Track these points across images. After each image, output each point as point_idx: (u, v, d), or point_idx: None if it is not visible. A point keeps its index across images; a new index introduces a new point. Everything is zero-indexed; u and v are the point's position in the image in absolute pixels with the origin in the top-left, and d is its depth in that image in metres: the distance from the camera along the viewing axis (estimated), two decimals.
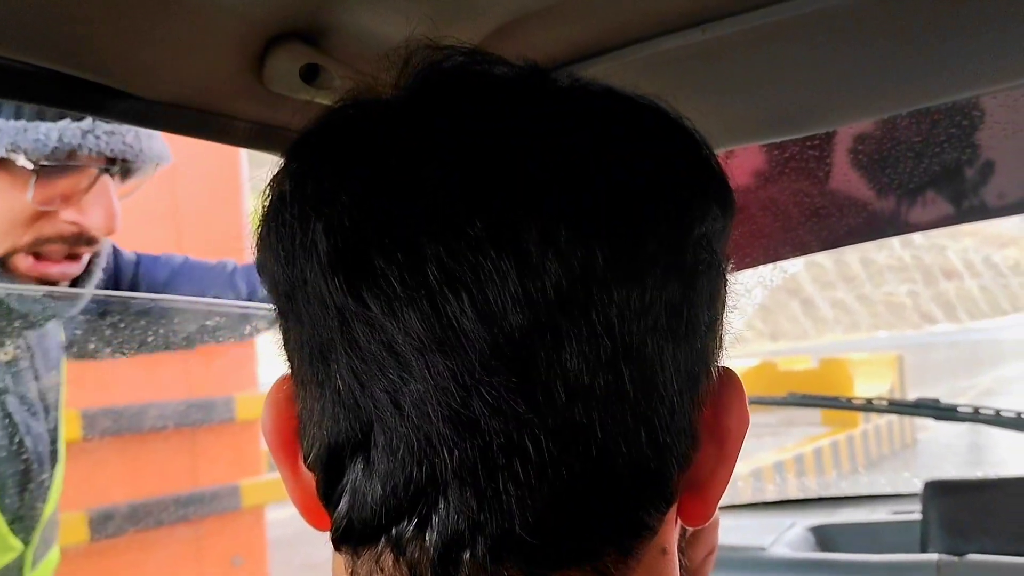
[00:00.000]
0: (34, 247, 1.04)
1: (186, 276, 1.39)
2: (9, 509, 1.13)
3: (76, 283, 1.09)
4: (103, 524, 2.61)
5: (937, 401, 1.57)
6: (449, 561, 0.35)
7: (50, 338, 1.22)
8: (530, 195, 0.34)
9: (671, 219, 0.36)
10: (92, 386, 2.45)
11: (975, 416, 1.52)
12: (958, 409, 1.53)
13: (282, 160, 0.39)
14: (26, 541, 1.16)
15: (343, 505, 0.37)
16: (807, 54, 0.69)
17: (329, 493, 0.37)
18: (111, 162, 1.05)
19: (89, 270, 1.10)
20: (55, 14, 0.53)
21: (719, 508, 0.44)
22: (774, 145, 1.08)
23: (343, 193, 0.35)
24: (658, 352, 0.35)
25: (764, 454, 7.63)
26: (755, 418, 0.43)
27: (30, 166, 0.99)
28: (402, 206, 0.34)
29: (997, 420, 1.50)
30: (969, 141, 1.09)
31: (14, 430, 1.14)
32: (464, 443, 0.34)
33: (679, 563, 0.41)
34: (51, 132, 0.99)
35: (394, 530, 0.35)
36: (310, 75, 0.62)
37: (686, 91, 0.73)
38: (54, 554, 1.25)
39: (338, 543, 0.38)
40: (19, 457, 1.14)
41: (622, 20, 0.65)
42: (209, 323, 1.46)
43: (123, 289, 1.33)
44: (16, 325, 1.12)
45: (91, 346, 1.35)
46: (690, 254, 0.36)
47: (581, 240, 0.33)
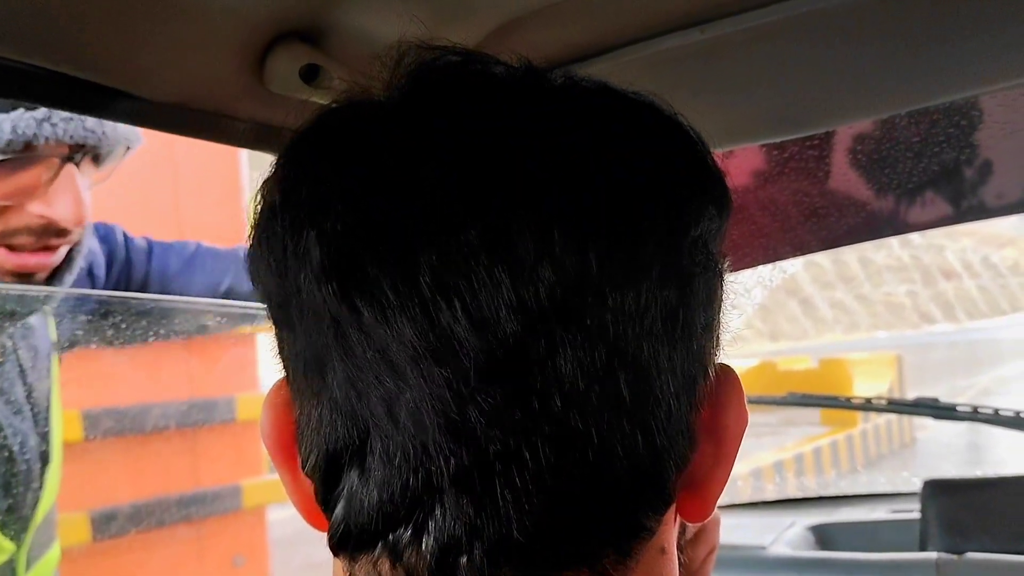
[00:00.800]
0: (3, 240, 0.99)
1: (199, 263, 1.35)
2: None
3: (56, 273, 1.05)
4: (105, 524, 2.60)
5: (936, 400, 1.57)
6: (446, 566, 0.34)
7: (38, 335, 1.19)
8: (528, 195, 0.33)
9: (668, 220, 0.36)
10: (93, 386, 2.45)
11: (974, 415, 1.52)
12: (957, 408, 1.53)
13: (275, 163, 0.38)
14: (18, 542, 1.14)
15: (340, 511, 0.36)
16: (806, 54, 0.69)
17: (327, 499, 0.37)
18: (74, 150, 1.00)
19: (69, 260, 1.06)
20: (55, 15, 0.53)
21: (719, 507, 0.44)
22: (773, 145, 1.08)
23: (336, 199, 0.35)
24: (654, 356, 0.35)
25: (764, 453, 7.62)
26: (754, 418, 0.43)
27: None
28: (397, 210, 0.34)
29: (996, 419, 1.50)
30: (968, 141, 1.09)
31: None
32: (460, 451, 0.34)
33: (679, 561, 0.41)
34: (3, 123, 0.93)
35: (391, 536, 0.35)
36: (310, 75, 0.62)
37: (685, 91, 0.73)
38: (53, 554, 1.24)
39: (336, 549, 0.38)
40: (4, 458, 1.11)
41: (621, 20, 0.65)
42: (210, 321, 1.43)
43: (136, 278, 1.30)
44: None
45: (85, 336, 1.31)
46: (686, 256, 0.36)
47: (576, 245, 0.33)
